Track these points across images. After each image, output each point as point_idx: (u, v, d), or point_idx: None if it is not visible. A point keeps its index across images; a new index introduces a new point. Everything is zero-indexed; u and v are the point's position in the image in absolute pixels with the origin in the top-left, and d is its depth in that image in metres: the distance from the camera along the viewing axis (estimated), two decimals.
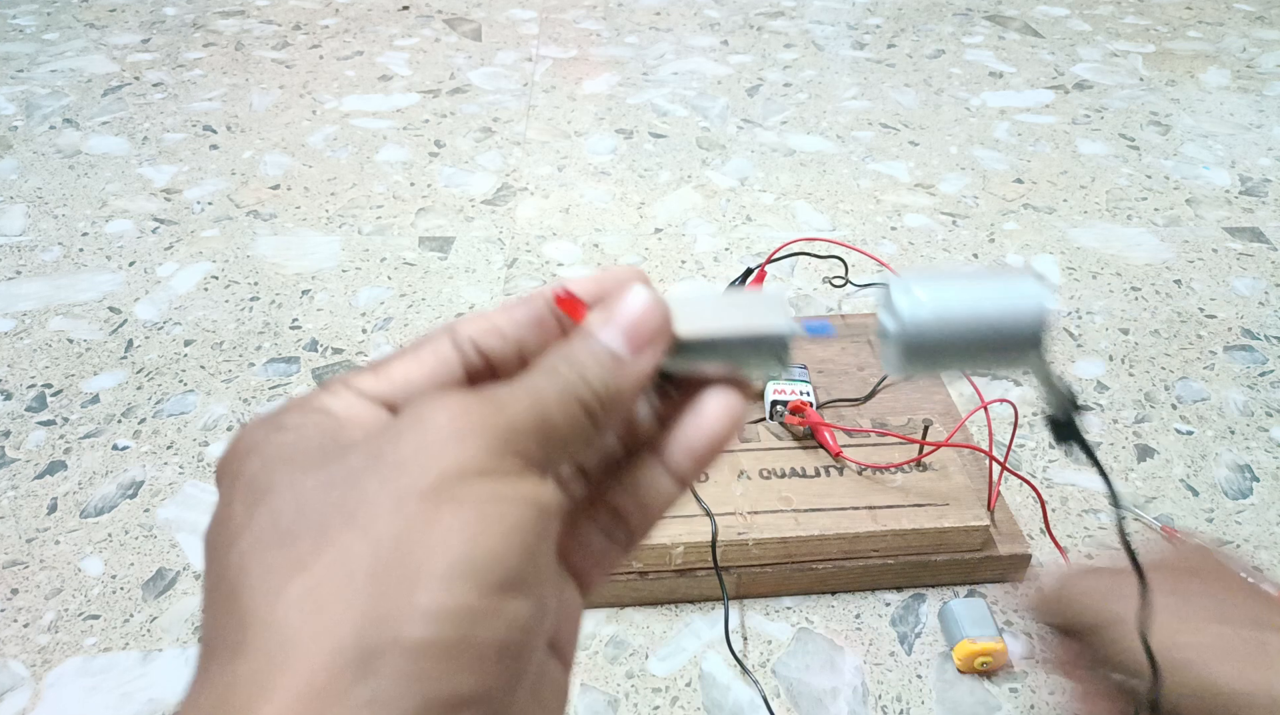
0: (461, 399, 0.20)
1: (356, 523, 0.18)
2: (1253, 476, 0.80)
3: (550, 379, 0.21)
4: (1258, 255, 1.07)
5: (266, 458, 0.20)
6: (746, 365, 0.24)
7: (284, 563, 0.18)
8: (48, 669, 0.65)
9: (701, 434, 0.24)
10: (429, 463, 0.19)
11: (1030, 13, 1.72)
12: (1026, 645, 0.67)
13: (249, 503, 0.19)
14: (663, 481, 0.24)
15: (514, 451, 0.20)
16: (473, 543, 0.18)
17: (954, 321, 0.24)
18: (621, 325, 0.23)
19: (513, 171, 1.23)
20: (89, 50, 1.56)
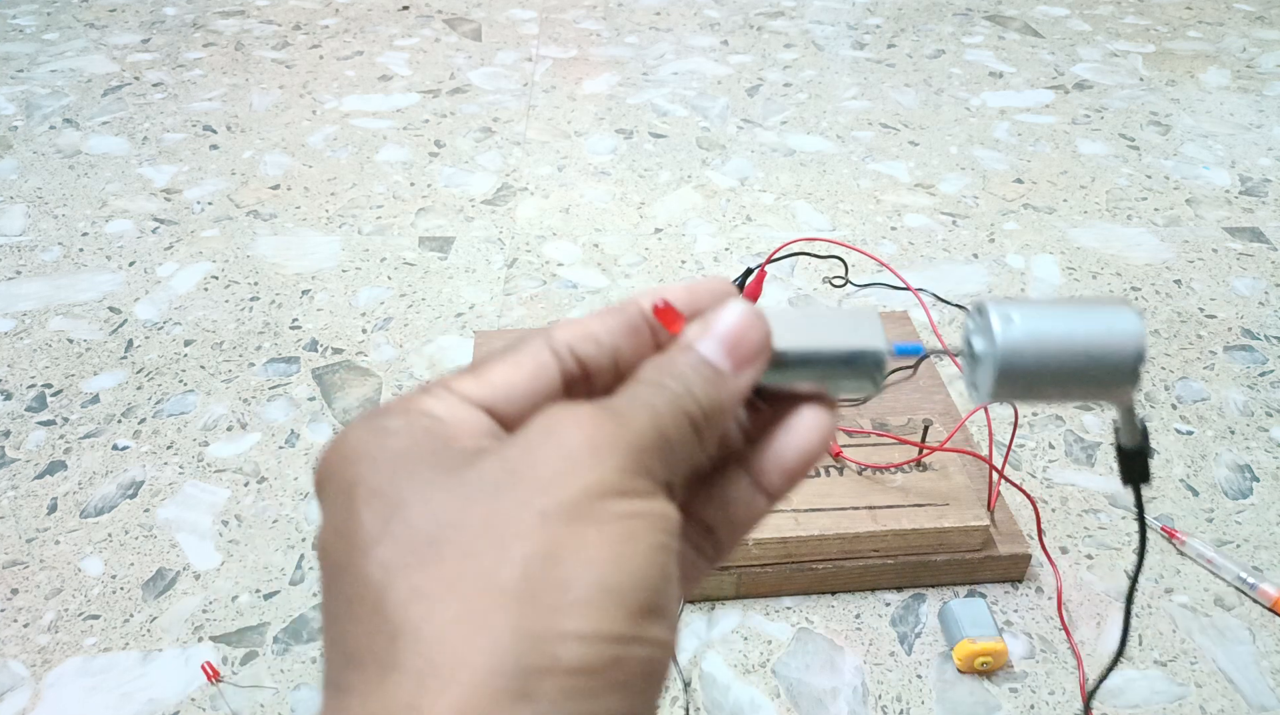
0: (592, 414, 0.20)
1: (502, 540, 0.18)
2: (1253, 476, 0.80)
3: (660, 393, 0.21)
4: (1258, 255, 1.07)
5: (381, 464, 0.20)
6: (839, 383, 0.24)
7: (432, 579, 0.18)
8: (48, 669, 0.65)
9: (794, 450, 0.24)
10: (568, 480, 0.19)
11: (1030, 13, 1.72)
12: (1026, 645, 0.67)
13: (381, 513, 0.19)
14: (753, 496, 0.24)
15: (644, 470, 0.20)
16: (618, 566, 0.18)
17: (1050, 348, 0.24)
18: (722, 338, 0.23)
19: (513, 171, 1.23)
20: (89, 50, 1.56)
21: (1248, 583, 0.69)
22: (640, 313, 0.24)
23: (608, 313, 0.24)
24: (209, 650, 0.66)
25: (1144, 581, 0.71)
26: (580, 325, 0.23)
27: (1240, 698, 0.64)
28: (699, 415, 0.22)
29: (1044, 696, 0.64)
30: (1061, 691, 0.64)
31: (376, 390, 0.88)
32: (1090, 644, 0.67)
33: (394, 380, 0.89)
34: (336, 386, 0.88)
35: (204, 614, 0.69)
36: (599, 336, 0.23)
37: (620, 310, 0.24)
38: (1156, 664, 0.66)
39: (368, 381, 0.89)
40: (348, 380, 0.89)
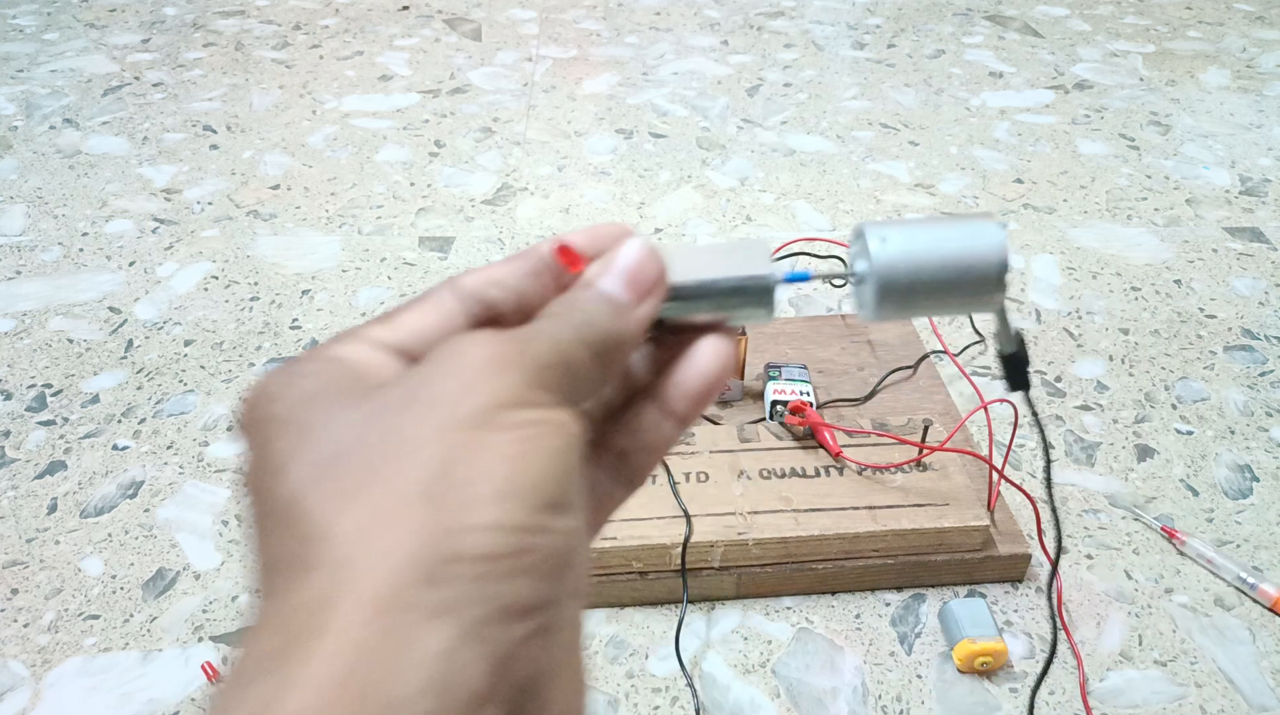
0: (492, 337, 0.21)
1: (404, 451, 0.19)
2: (1253, 476, 0.80)
3: (562, 324, 0.23)
4: (1258, 255, 1.07)
5: (293, 401, 0.21)
6: (735, 311, 0.26)
7: (338, 489, 0.19)
8: (48, 669, 0.65)
9: (697, 377, 0.25)
10: (467, 395, 0.20)
11: (1030, 13, 1.72)
12: (1026, 645, 0.67)
13: (292, 439, 0.20)
14: (663, 424, 0.26)
15: (543, 386, 0.21)
16: (520, 465, 0.19)
17: (922, 263, 0.25)
18: (621, 273, 0.24)
19: (513, 171, 1.23)
20: (89, 50, 1.56)
21: (1248, 583, 0.69)
22: (543, 257, 0.25)
23: (514, 258, 0.25)
24: (209, 650, 0.66)
25: (1144, 581, 0.71)
26: (485, 271, 0.24)
27: (1240, 698, 0.64)
28: (600, 344, 0.23)
29: (1044, 696, 0.64)
30: (1061, 691, 0.64)
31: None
32: (1090, 644, 0.67)
33: None
34: None
35: (204, 614, 0.69)
36: (504, 280, 0.24)
37: (524, 255, 0.25)
38: (1156, 664, 0.66)
39: None
40: None
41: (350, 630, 0.17)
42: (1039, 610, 0.69)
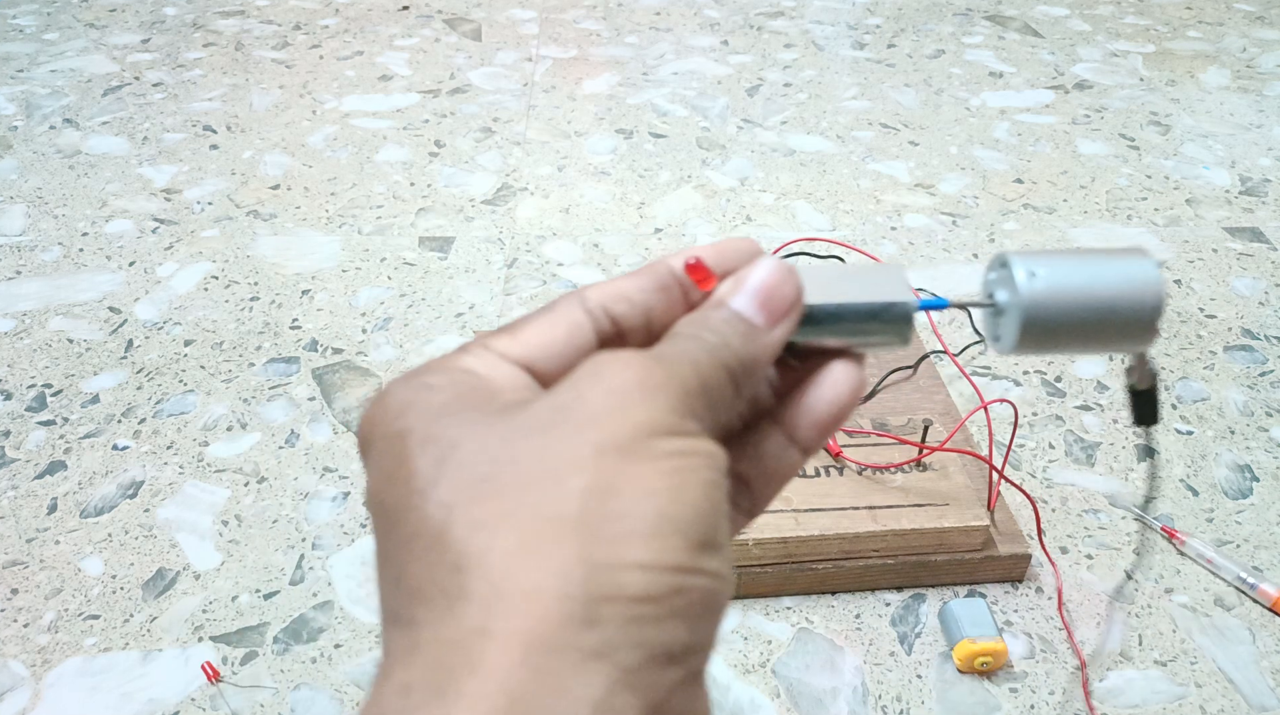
0: (637, 358, 0.20)
1: (555, 475, 0.18)
2: (1253, 476, 0.80)
3: (699, 346, 0.22)
4: (1258, 255, 1.07)
5: (427, 414, 0.20)
6: (868, 336, 0.25)
7: (492, 512, 0.18)
8: (48, 669, 0.65)
9: (825, 403, 0.24)
10: (620, 418, 0.19)
11: (1030, 13, 1.72)
12: (1026, 645, 0.67)
13: (435, 455, 0.19)
14: (786, 450, 0.25)
15: (690, 412, 0.20)
16: (674, 499, 0.18)
17: (1072, 300, 0.24)
18: (755, 294, 0.23)
19: (513, 171, 1.23)
20: (89, 50, 1.56)
21: (1248, 583, 0.69)
22: (671, 272, 0.24)
23: (639, 273, 0.24)
24: (209, 650, 0.66)
25: (1144, 581, 0.71)
26: (612, 285, 0.23)
27: (1240, 698, 0.64)
28: (736, 367, 0.22)
29: (1044, 696, 0.64)
30: (1061, 691, 0.64)
31: (376, 390, 0.87)
32: (1090, 644, 0.67)
33: None
34: (336, 386, 0.88)
35: (204, 614, 0.69)
36: (631, 295, 0.23)
37: (651, 270, 0.24)
38: (1156, 664, 0.66)
39: (368, 381, 0.89)
40: (348, 380, 0.89)
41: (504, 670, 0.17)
42: (1039, 610, 0.69)
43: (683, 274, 0.24)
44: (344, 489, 0.78)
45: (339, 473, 0.79)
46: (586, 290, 0.23)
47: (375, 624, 0.68)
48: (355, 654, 0.66)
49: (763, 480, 0.25)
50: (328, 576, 0.71)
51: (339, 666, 0.65)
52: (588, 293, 0.23)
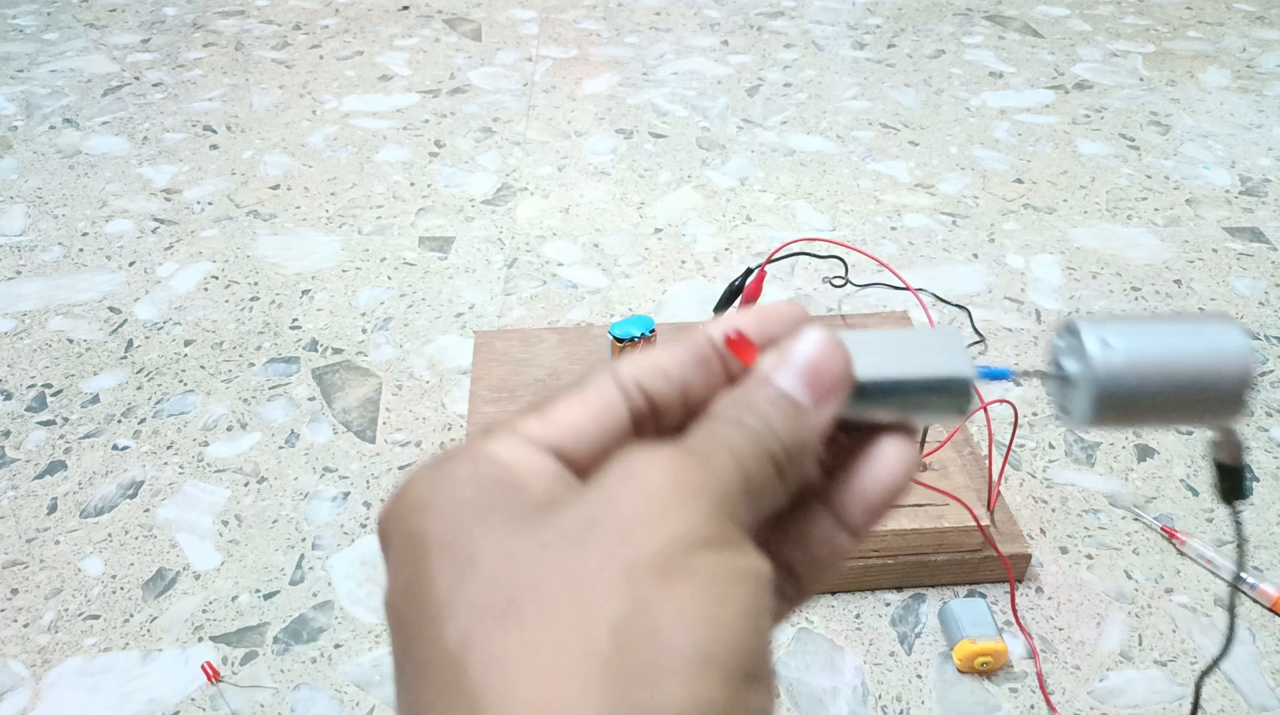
0: (673, 456, 0.19)
1: (587, 598, 0.17)
2: (1253, 476, 0.80)
3: (740, 432, 0.20)
4: (1258, 255, 1.07)
5: (447, 515, 0.19)
6: (923, 411, 0.23)
7: (514, 644, 0.17)
8: (48, 669, 0.65)
9: (877, 484, 0.23)
10: (653, 530, 0.18)
11: (1030, 13, 1.72)
12: (1026, 645, 0.67)
13: (453, 570, 0.18)
14: (835, 533, 0.23)
15: (731, 517, 0.19)
16: (714, 629, 0.17)
17: (1152, 373, 0.22)
18: (801, 370, 0.21)
19: (513, 171, 1.23)
20: (89, 50, 1.56)
21: (1248, 583, 0.69)
22: (709, 343, 0.22)
23: (675, 344, 0.22)
24: (209, 650, 0.66)
25: (1144, 581, 0.71)
26: (647, 359, 0.22)
27: (1240, 698, 0.64)
28: (781, 454, 0.20)
29: (1044, 696, 0.64)
30: (1061, 691, 0.64)
31: (376, 390, 0.88)
32: (1090, 644, 0.67)
33: (394, 380, 0.89)
34: (336, 386, 0.88)
35: (204, 614, 0.69)
36: (668, 370, 0.22)
37: (688, 341, 0.22)
38: (1156, 664, 0.66)
39: (368, 381, 0.89)
40: (348, 380, 0.89)
41: None
42: (1039, 610, 0.69)
43: (722, 345, 0.22)
44: (344, 489, 0.78)
45: (339, 473, 0.79)
46: (620, 365, 0.22)
47: (375, 623, 0.68)
48: (355, 654, 0.66)
49: (809, 566, 0.23)
50: (328, 576, 0.71)
51: (339, 666, 0.65)
52: (621, 368, 0.22)
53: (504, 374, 0.86)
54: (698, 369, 0.22)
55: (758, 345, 0.22)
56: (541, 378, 0.85)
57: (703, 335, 0.22)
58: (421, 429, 0.83)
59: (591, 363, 0.86)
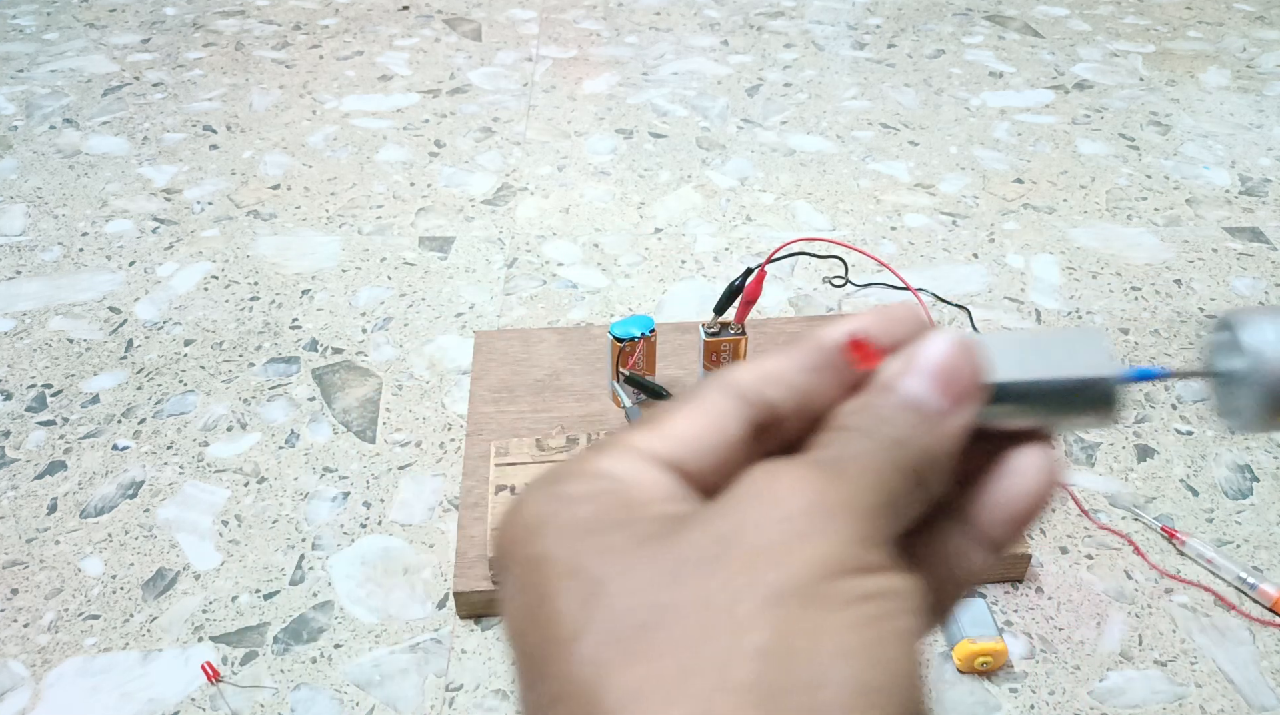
0: (809, 473, 0.18)
1: (728, 627, 0.16)
2: (1253, 476, 0.80)
3: (873, 443, 0.19)
4: (1258, 255, 1.07)
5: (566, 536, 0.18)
6: (1064, 417, 0.21)
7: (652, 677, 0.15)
8: (48, 669, 0.65)
9: (1018, 496, 0.21)
10: (795, 554, 0.16)
11: (1030, 13, 1.72)
12: (1026, 645, 0.67)
13: (579, 596, 0.17)
14: (972, 550, 0.21)
15: (875, 538, 0.17)
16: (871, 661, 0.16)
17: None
18: (931, 374, 0.20)
19: (513, 171, 1.23)
20: (89, 50, 1.56)
21: (1248, 583, 0.69)
22: (827, 349, 0.21)
23: (793, 351, 0.21)
24: (209, 650, 0.66)
25: (1144, 581, 0.71)
26: (764, 366, 0.21)
27: (1240, 698, 0.64)
28: (917, 466, 0.19)
29: (1044, 696, 0.64)
30: (1061, 691, 0.64)
31: (376, 390, 0.88)
32: (1090, 644, 0.67)
33: (394, 380, 0.89)
34: (336, 386, 0.88)
35: (204, 614, 0.69)
36: (787, 378, 0.20)
37: (807, 347, 0.21)
38: (1156, 664, 0.66)
39: (368, 381, 0.89)
40: (348, 380, 0.89)
41: None
42: (1039, 610, 0.69)
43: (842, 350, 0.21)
44: (344, 489, 0.78)
45: (339, 473, 0.79)
46: (734, 373, 0.21)
47: (375, 623, 0.68)
48: (355, 654, 0.66)
49: (946, 586, 0.21)
50: (328, 576, 0.71)
51: (339, 666, 0.65)
52: (735, 377, 0.20)
53: (504, 374, 0.86)
54: (817, 376, 0.21)
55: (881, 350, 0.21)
56: (541, 378, 0.85)
57: (821, 341, 0.21)
58: (421, 429, 0.83)
59: (591, 362, 0.87)
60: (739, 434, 0.20)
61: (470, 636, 0.67)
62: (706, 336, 0.81)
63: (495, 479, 0.72)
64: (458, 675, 0.65)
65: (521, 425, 0.81)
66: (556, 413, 0.82)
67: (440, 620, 0.68)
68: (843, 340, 0.21)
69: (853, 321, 0.21)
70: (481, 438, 0.79)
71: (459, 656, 0.66)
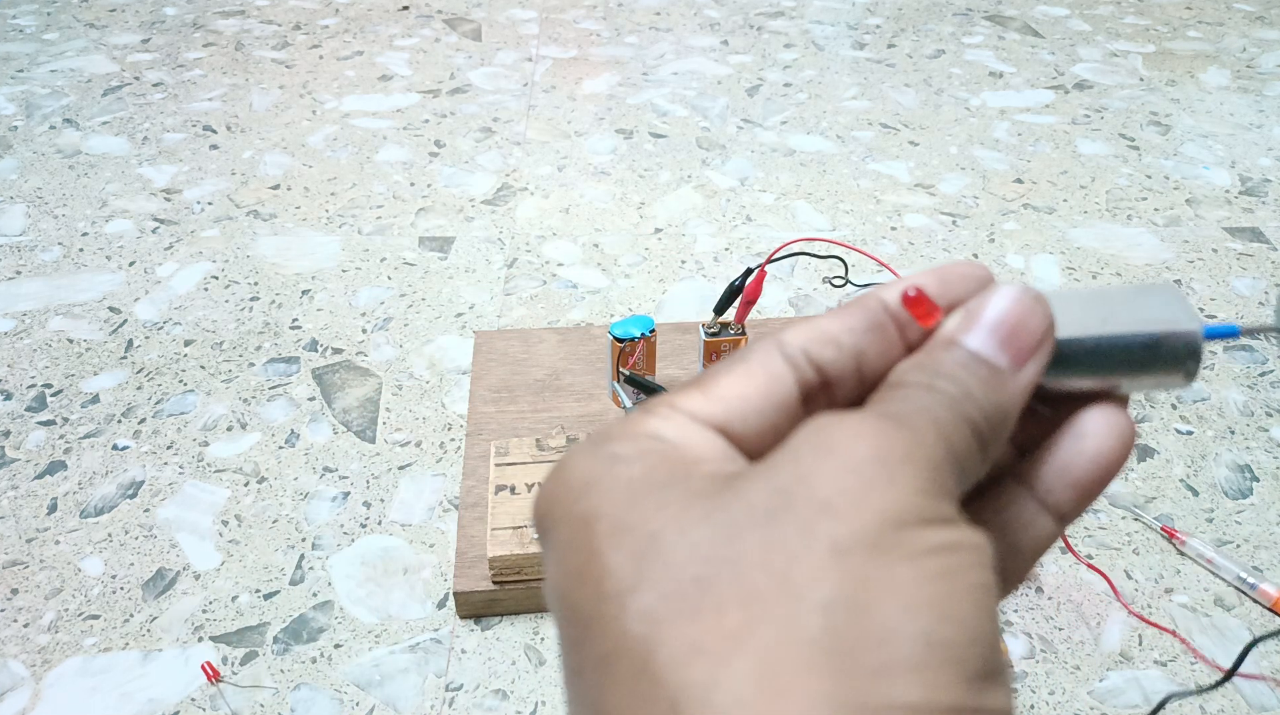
0: (873, 423, 0.17)
1: (792, 579, 0.15)
2: (1253, 476, 0.80)
3: (937, 399, 0.18)
4: (1258, 255, 1.07)
5: (617, 494, 0.17)
6: (1138, 376, 0.20)
7: (712, 631, 0.15)
8: (48, 669, 0.65)
9: (1087, 461, 0.20)
10: (861, 505, 0.16)
11: (1030, 13, 1.72)
12: (1026, 645, 0.67)
13: (631, 551, 0.16)
14: (1037, 518, 0.20)
15: (943, 491, 0.17)
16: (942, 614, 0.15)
17: None
18: (995, 329, 0.19)
19: (513, 171, 1.23)
20: (89, 50, 1.56)
21: (1248, 583, 0.69)
22: (884, 306, 0.20)
23: (845, 310, 0.20)
24: (209, 650, 0.66)
25: (1144, 581, 0.71)
26: (815, 326, 0.20)
27: (1240, 698, 0.64)
28: (983, 424, 0.18)
29: (1044, 696, 0.64)
30: (1061, 691, 0.64)
31: (376, 390, 0.88)
32: (1090, 644, 0.67)
33: (394, 380, 0.89)
34: (336, 386, 0.88)
35: (204, 614, 0.69)
36: (839, 337, 0.20)
37: (860, 306, 0.20)
38: (1156, 664, 0.66)
39: (368, 381, 0.89)
40: (348, 380, 0.89)
41: None
42: (1039, 610, 0.69)
43: (898, 308, 0.20)
44: (344, 489, 0.78)
45: (339, 473, 0.79)
46: (785, 334, 0.20)
47: (375, 623, 0.68)
48: (355, 654, 0.66)
49: (1011, 555, 0.20)
50: (328, 576, 0.71)
51: (339, 666, 0.66)
52: (787, 337, 0.19)
53: (504, 374, 0.86)
54: (872, 336, 0.20)
55: (940, 306, 0.20)
56: (541, 378, 0.85)
57: (876, 299, 0.20)
58: (421, 429, 0.83)
59: (591, 362, 0.87)
60: (789, 397, 0.19)
61: (470, 636, 0.67)
62: (706, 336, 0.81)
63: (495, 479, 0.72)
64: (457, 675, 0.65)
65: (521, 425, 0.81)
66: (556, 413, 0.82)
67: (440, 620, 0.68)
68: (898, 296, 0.20)
69: (912, 277, 0.20)
70: (481, 438, 0.79)
71: (459, 656, 0.66)
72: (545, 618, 0.68)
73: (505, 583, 0.67)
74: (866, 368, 0.20)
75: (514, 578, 0.67)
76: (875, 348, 0.20)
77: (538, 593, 0.68)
